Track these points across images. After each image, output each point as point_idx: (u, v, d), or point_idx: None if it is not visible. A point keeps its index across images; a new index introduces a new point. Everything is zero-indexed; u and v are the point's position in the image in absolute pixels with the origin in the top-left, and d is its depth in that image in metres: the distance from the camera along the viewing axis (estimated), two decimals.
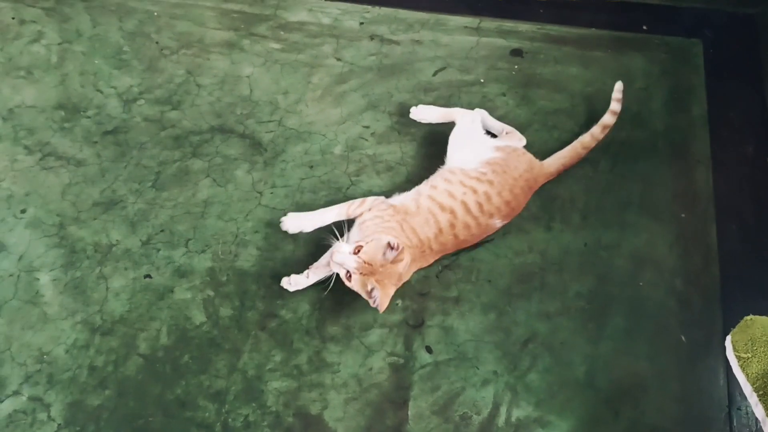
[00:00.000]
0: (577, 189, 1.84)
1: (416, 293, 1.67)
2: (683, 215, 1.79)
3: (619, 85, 1.87)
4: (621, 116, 1.91)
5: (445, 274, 1.71)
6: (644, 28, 2.20)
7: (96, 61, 2.13)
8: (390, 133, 1.97)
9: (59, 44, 2.16)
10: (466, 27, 2.19)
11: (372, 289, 1.47)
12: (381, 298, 1.45)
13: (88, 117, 1.99)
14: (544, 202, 1.82)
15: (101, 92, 2.05)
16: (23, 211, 1.80)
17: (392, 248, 1.46)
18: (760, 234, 1.75)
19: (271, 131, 1.97)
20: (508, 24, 2.22)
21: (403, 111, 1.96)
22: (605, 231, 1.77)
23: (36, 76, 2.08)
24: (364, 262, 1.46)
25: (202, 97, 2.05)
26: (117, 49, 2.16)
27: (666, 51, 2.12)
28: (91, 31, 2.20)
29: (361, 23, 2.24)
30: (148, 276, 1.70)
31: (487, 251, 1.74)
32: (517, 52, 2.13)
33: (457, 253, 1.73)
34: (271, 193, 1.85)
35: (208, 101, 2.04)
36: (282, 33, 2.22)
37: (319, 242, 1.73)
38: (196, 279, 1.70)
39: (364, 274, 1.47)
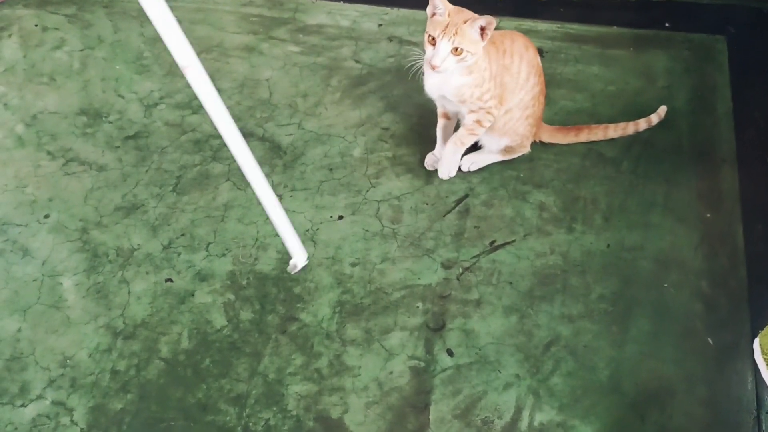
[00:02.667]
0: (600, 190, 1.82)
1: (437, 296, 1.66)
2: (709, 215, 1.75)
3: (662, 110, 1.89)
4: (643, 115, 1.88)
5: (466, 277, 1.69)
6: (666, 25, 2.17)
7: (117, 67, 2.14)
8: (409, 135, 1.97)
9: (81, 50, 2.18)
10: None
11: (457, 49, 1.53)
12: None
13: (110, 122, 2.01)
14: (566, 204, 1.80)
15: (122, 97, 2.07)
16: (46, 216, 1.82)
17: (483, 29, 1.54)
18: None
19: (291, 134, 1.97)
20: (528, 23, 2.21)
21: (423, 112, 1.96)
22: (629, 232, 1.74)
23: (58, 82, 2.10)
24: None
25: (223, 101, 2.05)
26: (138, 55, 2.17)
27: (689, 48, 2.09)
28: (113, 37, 2.22)
29: (380, 25, 2.24)
30: (169, 280, 1.70)
31: (508, 253, 1.72)
32: (537, 52, 2.11)
33: (478, 254, 1.72)
34: (291, 196, 1.85)
35: (227, 105, 2.02)
36: (301, 36, 2.23)
37: (337, 245, 1.73)
38: (217, 283, 1.70)
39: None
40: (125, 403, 1.52)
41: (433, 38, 1.53)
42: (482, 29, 1.53)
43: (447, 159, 1.81)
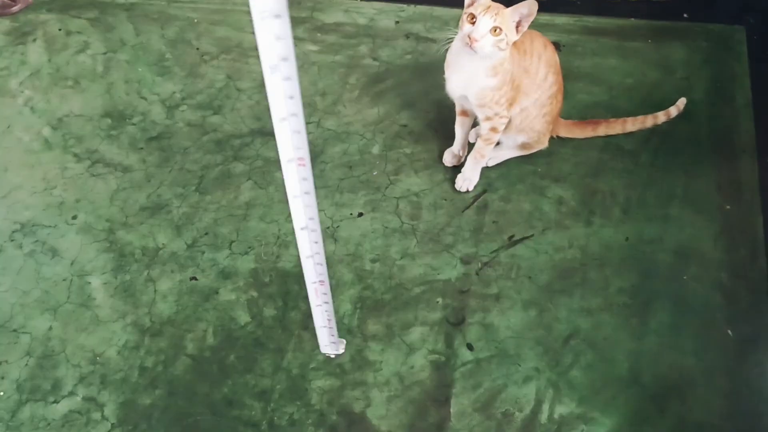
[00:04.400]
0: (618, 183, 1.82)
1: (456, 291, 1.68)
2: (728, 207, 1.75)
3: (681, 102, 1.88)
4: (662, 107, 1.88)
5: (485, 272, 1.71)
6: (685, 16, 2.16)
7: (139, 69, 2.18)
8: (427, 131, 1.98)
9: (104, 54, 2.22)
10: None
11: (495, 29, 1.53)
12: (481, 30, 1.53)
13: (134, 124, 2.05)
14: (584, 197, 1.80)
15: (145, 99, 2.11)
16: (74, 217, 1.86)
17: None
18: None
19: (310, 132, 2.00)
20: (545, 17, 2.21)
21: (441, 108, 1.97)
22: (647, 225, 1.74)
23: (83, 86, 2.15)
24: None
25: (242, 101, 2.09)
26: (159, 57, 2.21)
27: (707, 39, 2.08)
28: (135, 39, 2.26)
29: (397, 22, 2.25)
30: (193, 278, 1.74)
31: (526, 248, 1.74)
32: (555, 46, 2.11)
33: (497, 249, 1.73)
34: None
35: (248, 105, 2.08)
36: (319, 35, 2.25)
37: (357, 246, 1.75)
38: (240, 280, 1.73)
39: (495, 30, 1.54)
40: (153, 398, 1.56)
41: (473, 16, 1.53)
42: (519, 22, 1.54)
43: (468, 173, 1.83)
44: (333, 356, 1.60)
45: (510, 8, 1.52)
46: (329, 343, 1.57)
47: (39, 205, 1.88)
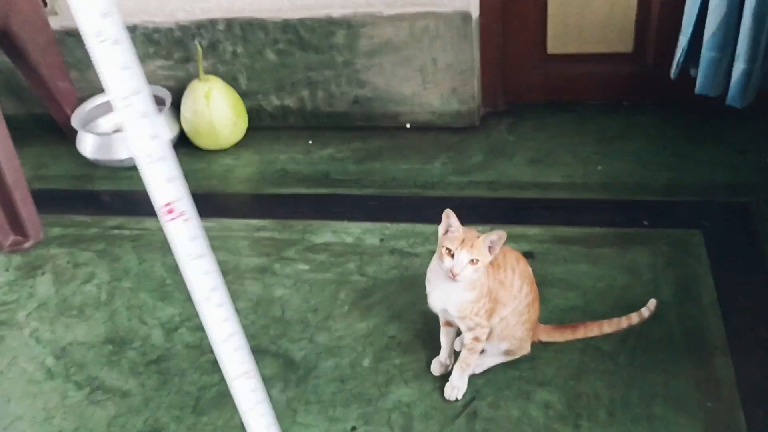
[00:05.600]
0: (600, 385, 1.88)
1: None
2: (709, 404, 1.80)
3: (652, 303, 2.01)
4: (634, 308, 2.00)
5: None
6: (645, 223, 2.36)
7: (141, 295, 2.32)
8: (415, 342, 2.07)
9: (109, 282, 2.37)
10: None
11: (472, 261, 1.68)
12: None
13: (134, 348, 2.14)
14: (569, 401, 1.85)
15: (146, 324, 2.22)
16: None
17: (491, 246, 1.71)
18: None
19: (303, 348, 2.09)
20: (518, 229, 2.40)
21: (427, 319, 2.08)
22: (634, 426, 1.78)
23: (87, 314, 2.27)
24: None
25: (239, 320, 2.19)
26: (160, 282, 2.36)
27: (668, 243, 2.25)
28: (138, 267, 2.42)
29: (381, 240, 2.44)
30: None
31: None
32: (528, 254, 2.27)
33: None
34: (305, 410, 1.92)
35: (243, 324, 2.14)
36: (310, 255, 2.42)
37: None
38: None
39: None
40: None
41: (450, 250, 1.69)
42: (490, 246, 1.71)
43: (456, 382, 1.91)
44: None
45: (481, 238, 1.69)
46: None
47: None
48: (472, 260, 1.68)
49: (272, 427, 1.27)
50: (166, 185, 0.97)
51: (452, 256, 1.69)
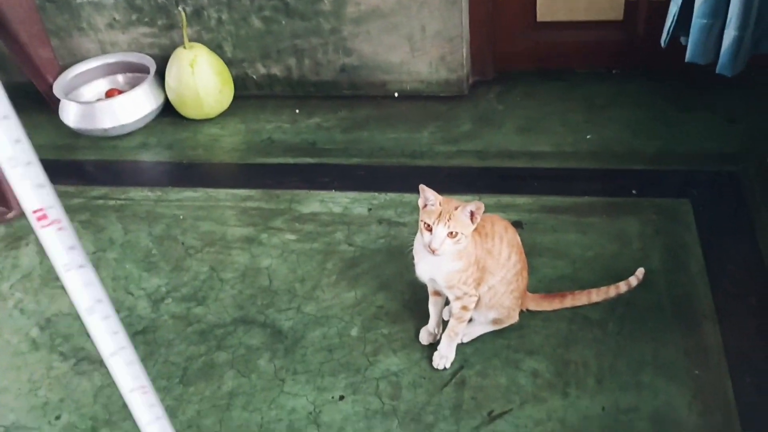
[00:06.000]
0: (589, 353, 1.88)
1: None
2: (697, 372, 1.81)
3: (640, 272, 2.01)
4: (622, 277, 1.99)
5: None
6: (633, 192, 2.35)
7: (127, 266, 2.29)
8: (403, 311, 2.07)
9: (93, 253, 2.34)
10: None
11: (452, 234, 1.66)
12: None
13: (120, 319, 2.11)
14: (558, 369, 1.86)
15: (132, 294, 2.20)
16: (57, 418, 1.87)
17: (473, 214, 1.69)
18: None
19: (291, 319, 2.08)
20: (507, 198, 2.39)
21: (415, 288, 2.07)
22: (622, 394, 1.79)
23: None
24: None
25: (225, 291, 2.18)
26: (146, 253, 2.33)
27: (657, 212, 2.25)
28: (123, 238, 2.39)
29: (369, 209, 2.42)
30: None
31: (506, 423, 1.76)
32: (517, 224, 2.26)
33: (478, 426, 1.75)
34: (293, 379, 1.91)
35: (230, 294, 2.17)
36: (297, 224, 2.39)
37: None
38: None
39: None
40: None
41: (429, 225, 1.67)
42: (472, 214, 1.68)
43: (444, 351, 1.90)
44: None
45: (459, 209, 1.67)
46: None
47: (23, 407, 1.90)
48: (450, 233, 1.67)
49: None
50: (36, 191, 0.91)
51: (431, 230, 1.68)
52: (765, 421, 1.70)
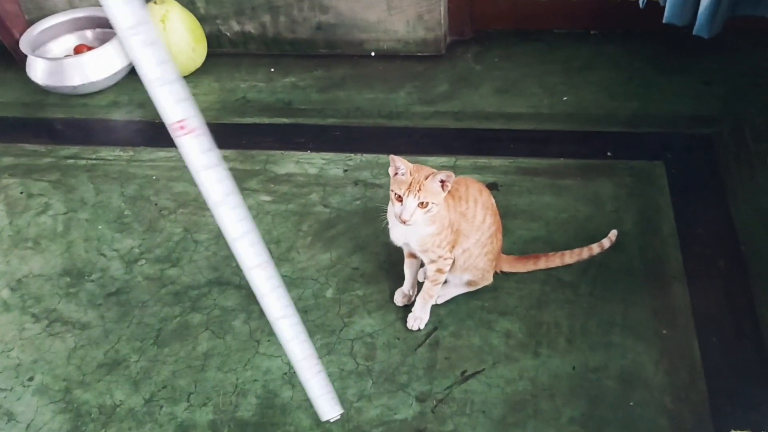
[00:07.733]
0: (561, 314, 1.91)
1: (413, 430, 1.71)
2: (665, 332, 1.85)
3: (613, 234, 2.02)
4: (595, 239, 2.01)
5: (440, 409, 1.75)
6: (608, 154, 2.35)
7: (99, 227, 2.27)
8: (378, 273, 2.07)
9: (64, 213, 2.31)
10: (443, 165, 2.34)
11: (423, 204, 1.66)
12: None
13: (92, 281, 2.10)
14: (530, 329, 1.88)
15: (104, 256, 2.17)
16: (30, 379, 1.87)
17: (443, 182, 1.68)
18: (741, 346, 1.80)
19: None
20: (482, 160, 2.38)
21: (390, 250, 2.07)
22: (592, 353, 1.82)
23: (43, 246, 2.21)
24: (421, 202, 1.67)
25: (199, 252, 2.17)
26: (119, 214, 2.30)
27: (631, 174, 2.26)
28: (95, 198, 2.36)
29: (345, 171, 2.40)
30: None
31: (479, 382, 1.79)
32: (492, 186, 2.27)
33: (451, 386, 1.78)
34: (268, 341, 1.92)
35: (204, 256, 2.16)
36: (272, 185, 2.38)
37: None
38: None
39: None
40: None
41: (399, 195, 1.66)
42: (442, 182, 1.67)
43: (418, 312, 1.91)
44: (339, 417, 1.64)
45: (429, 178, 1.66)
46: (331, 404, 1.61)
47: None
48: (421, 203, 1.66)
49: (289, 308, 1.39)
50: (177, 105, 1.11)
51: (402, 201, 1.67)
52: (730, 380, 1.74)
